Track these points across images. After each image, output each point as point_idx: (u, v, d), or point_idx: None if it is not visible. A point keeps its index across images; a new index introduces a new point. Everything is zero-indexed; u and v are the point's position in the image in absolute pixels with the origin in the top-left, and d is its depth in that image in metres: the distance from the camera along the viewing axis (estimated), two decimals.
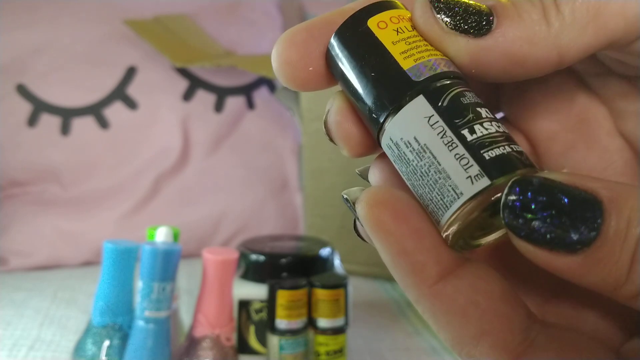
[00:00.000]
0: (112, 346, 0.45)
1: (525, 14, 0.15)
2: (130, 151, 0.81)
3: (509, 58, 0.15)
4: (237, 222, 0.82)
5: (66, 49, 0.82)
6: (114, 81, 0.82)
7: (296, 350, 0.47)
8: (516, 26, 0.15)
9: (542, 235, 0.13)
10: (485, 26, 0.15)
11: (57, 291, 0.66)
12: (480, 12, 0.15)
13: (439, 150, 0.15)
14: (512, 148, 0.15)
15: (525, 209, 0.13)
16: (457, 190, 0.15)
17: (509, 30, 0.15)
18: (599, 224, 0.12)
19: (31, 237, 0.77)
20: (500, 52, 0.15)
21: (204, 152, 0.83)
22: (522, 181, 0.13)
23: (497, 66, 0.16)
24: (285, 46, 0.17)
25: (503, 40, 0.15)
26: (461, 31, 0.16)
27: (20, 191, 0.80)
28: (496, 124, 0.15)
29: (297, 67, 0.17)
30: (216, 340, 0.46)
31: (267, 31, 0.95)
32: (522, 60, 0.15)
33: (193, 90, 0.84)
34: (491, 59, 0.15)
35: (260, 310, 0.49)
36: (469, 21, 0.15)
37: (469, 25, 0.15)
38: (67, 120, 0.80)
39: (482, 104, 0.16)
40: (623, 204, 0.13)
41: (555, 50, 0.15)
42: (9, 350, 0.51)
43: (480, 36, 0.15)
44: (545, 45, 0.15)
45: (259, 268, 0.51)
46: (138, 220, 0.78)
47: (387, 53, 0.16)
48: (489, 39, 0.15)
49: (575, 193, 0.13)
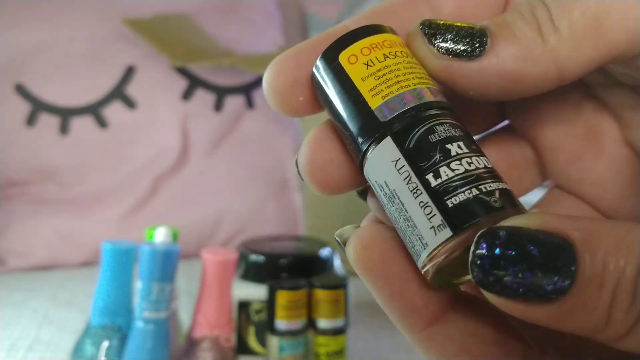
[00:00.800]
0: (111, 347, 0.45)
1: (520, 32, 0.15)
2: (129, 151, 0.81)
3: (506, 77, 0.15)
4: (236, 222, 0.82)
5: (65, 49, 0.81)
6: (113, 81, 0.82)
7: (296, 351, 0.47)
8: (511, 45, 0.15)
9: (515, 290, 0.12)
10: (479, 48, 0.15)
11: (56, 292, 0.66)
12: (472, 34, 0.15)
13: (406, 198, 0.14)
14: (480, 189, 0.14)
15: (494, 266, 0.12)
16: (423, 240, 0.14)
17: (503, 49, 0.15)
18: (572, 271, 0.12)
19: (30, 237, 0.76)
20: (496, 72, 0.15)
21: (204, 152, 0.83)
22: (488, 235, 0.13)
23: (494, 86, 0.15)
24: (274, 75, 0.17)
25: (498, 60, 0.15)
26: (454, 55, 0.15)
27: (19, 191, 0.80)
28: (467, 161, 0.14)
29: (286, 96, 0.17)
30: (215, 341, 0.46)
31: (266, 30, 0.94)
32: (520, 79, 0.15)
33: (192, 89, 0.84)
34: (488, 80, 0.15)
35: (260, 311, 0.49)
36: (462, 44, 0.15)
37: (462, 49, 0.15)
38: (65, 120, 0.80)
39: (457, 135, 0.15)
40: (597, 245, 0.12)
41: (554, 65, 0.15)
42: (7, 351, 0.51)
43: (474, 58, 0.15)
44: (543, 62, 0.15)
45: (259, 268, 0.51)
46: (137, 221, 0.78)
47: (357, 91, 0.16)
48: (484, 60, 0.15)
49: (546, 241, 0.12)
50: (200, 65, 0.83)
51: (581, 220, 0.13)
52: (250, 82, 0.88)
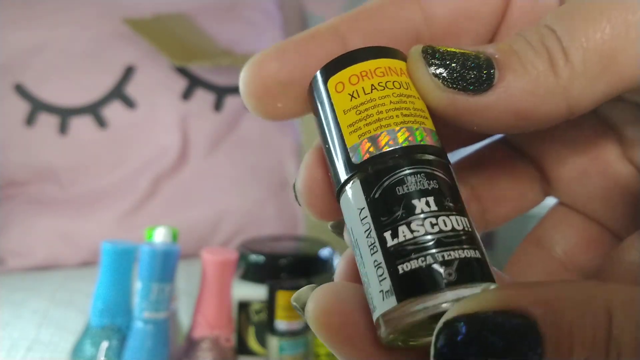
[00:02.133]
0: (110, 347, 0.45)
1: (530, 64, 0.14)
2: (129, 151, 0.81)
3: (514, 114, 0.14)
4: (236, 222, 0.82)
5: (64, 48, 0.81)
6: (112, 80, 0.81)
7: (296, 351, 0.47)
8: (520, 79, 0.14)
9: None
10: (486, 81, 0.14)
11: (55, 292, 0.66)
12: (479, 66, 0.14)
13: (364, 252, 0.13)
14: (436, 258, 0.13)
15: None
16: (373, 302, 0.13)
17: (512, 84, 0.14)
18: (539, 353, 0.11)
19: (29, 237, 0.76)
20: (504, 108, 0.14)
21: (203, 152, 0.83)
22: (447, 331, 0.12)
23: (500, 122, 0.14)
24: (251, 76, 0.15)
25: (506, 95, 0.14)
26: (459, 89, 0.14)
27: (18, 191, 0.79)
28: (431, 221, 0.13)
29: (264, 101, 0.16)
30: (215, 341, 0.46)
31: (266, 30, 0.94)
32: (529, 115, 0.14)
33: (192, 89, 0.84)
34: (494, 116, 0.14)
35: (260, 311, 0.49)
36: (468, 77, 0.14)
37: (468, 82, 0.14)
38: (65, 120, 0.79)
39: (430, 189, 0.13)
40: (560, 318, 0.11)
41: (565, 102, 0.14)
42: (7, 352, 0.51)
43: (481, 93, 0.14)
44: (554, 98, 0.14)
45: (259, 268, 0.51)
46: (137, 221, 0.78)
47: (337, 124, 0.15)
48: (491, 95, 0.14)
49: (507, 326, 0.11)
50: (200, 65, 0.83)
51: (540, 290, 0.12)
52: None
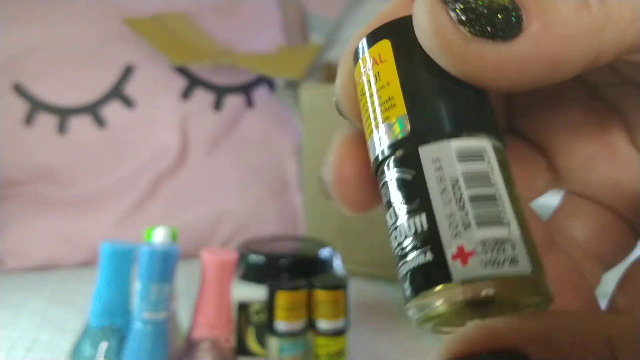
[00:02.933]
0: (109, 348, 0.45)
1: (562, 2, 0.12)
2: (128, 151, 0.80)
3: (547, 62, 0.12)
4: (236, 222, 0.82)
5: (63, 48, 0.81)
6: (111, 80, 0.81)
7: (296, 352, 0.46)
8: (552, 19, 0.12)
9: None
10: (516, 25, 0.12)
11: (54, 292, 0.65)
12: (505, 7, 0.12)
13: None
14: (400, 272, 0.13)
15: None
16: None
17: (544, 26, 0.12)
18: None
19: (28, 237, 0.76)
20: (538, 55, 0.12)
21: (203, 152, 0.83)
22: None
23: (529, 75, 0.12)
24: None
25: (539, 41, 0.12)
26: (489, 37, 0.12)
27: (17, 191, 0.79)
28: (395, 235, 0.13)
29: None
30: (215, 342, 0.46)
31: (266, 30, 0.94)
32: (562, 63, 0.12)
33: (192, 89, 0.84)
34: (524, 67, 0.12)
35: (260, 312, 0.49)
36: (496, 22, 0.12)
37: (498, 28, 0.12)
38: (64, 120, 0.79)
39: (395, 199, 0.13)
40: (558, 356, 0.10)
41: (597, 48, 0.12)
42: (6, 352, 0.51)
43: (511, 39, 0.12)
44: (588, 42, 0.12)
45: (259, 269, 0.51)
46: (136, 221, 0.78)
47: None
48: (523, 42, 0.12)
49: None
50: (199, 65, 0.83)
51: (535, 324, 0.11)
52: (250, 81, 0.87)
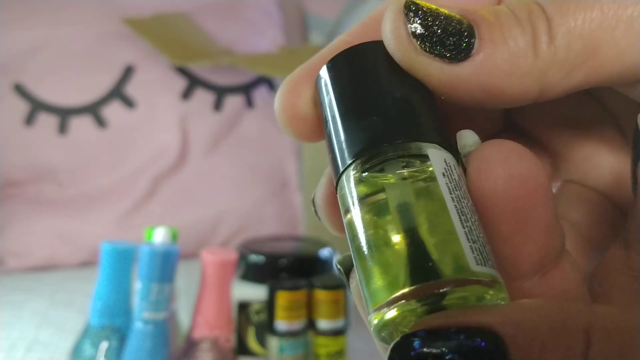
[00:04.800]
0: (110, 348, 0.45)
1: (512, 40, 0.13)
2: (129, 151, 0.80)
3: (486, 89, 0.13)
4: (236, 222, 0.82)
5: (64, 48, 0.81)
6: (112, 80, 0.81)
7: (296, 351, 0.46)
8: (499, 54, 0.13)
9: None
10: (465, 50, 0.13)
11: (54, 292, 0.65)
12: (460, 33, 0.13)
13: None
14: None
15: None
16: None
17: (490, 58, 0.13)
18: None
19: (28, 237, 0.76)
20: (477, 82, 0.13)
21: (203, 152, 0.83)
22: (402, 342, 0.11)
23: (470, 95, 0.14)
24: (288, 108, 0.15)
25: (482, 69, 0.13)
26: (436, 54, 0.13)
27: (18, 191, 0.79)
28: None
29: (308, 127, 0.16)
30: (215, 342, 0.46)
31: (266, 30, 0.94)
32: (500, 93, 0.13)
33: (192, 89, 0.84)
34: (465, 89, 0.14)
35: (260, 312, 0.49)
36: (447, 44, 0.13)
37: (447, 48, 0.13)
38: (64, 120, 0.79)
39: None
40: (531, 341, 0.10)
41: (538, 86, 0.13)
42: (6, 352, 0.51)
43: (457, 62, 0.13)
44: (529, 80, 0.13)
45: (259, 269, 0.51)
46: (136, 221, 0.78)
47: None
48: (466, 67, 0.13)
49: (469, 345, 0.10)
50: (199, 65, 0.83)
51: (514, 310, 0.11)
52: (250, 81, 0.87)
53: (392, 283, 0.12)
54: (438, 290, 0.11)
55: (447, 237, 0.12)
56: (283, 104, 0.15)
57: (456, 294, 0.12)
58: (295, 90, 0.15)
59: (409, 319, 0.12)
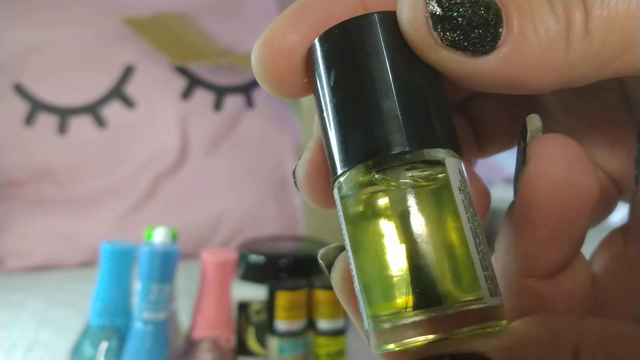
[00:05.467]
0: (109, 348, 0.45)
1: (543, 30, 0.12)
2: (128, 150, 0.80)
3: (508, 82, 0.12)
4: (236, 222, 0.82)
5: (63, 48, 0.81)
6: (111, 80, 0.81)
7: (296, 352, 0.46)
8: (528, 47, 0.12)
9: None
10: (490, 42, 0.12)
11: (54, 292, 0.65)
12: (487, 23, 0.12)
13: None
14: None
15: None
16: None
17: (517, 50, 0.12)
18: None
19: (28, 237, 0.76)
20: (500, 76, 0.12)
21: (203, 152, 0.83)
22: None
23: (489, 86, 0.13)
24: (268, 57, 0.14)
25: (506, 63, 0.12)
26: (458, 49, 0.12)
27: (17, 191, 0.79)
28: None
29: (290, 82, 0.14)
30: (215, 342, 0.46)
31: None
32: (523, 86, 0.12)
33: (192, 89, 0.84)
34: (486, 81, 0.13)
35: (260, 312, 0.49)
36: (471, 37, 0.12)
37: (470, 42, 0.12)
38: (64, 120, 0.79)
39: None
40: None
41: (566, 79, 0.12)
42: (6, 352, 0.51)
43: (481, 55, 0.12)
44: (556, 74, 0.12)
45: (259, 269, 0.51)
46: (136, 221, 0.78)
47: None
48: (490, 61, 0.12)
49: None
50: (199, 65, 0.83)
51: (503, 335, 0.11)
52: (250, 81, 0.87)
53: (394, 297, 0.12)
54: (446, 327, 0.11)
55: (462, 262, 0.11)
56: (261, 58, 0.14)
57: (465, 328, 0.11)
58: (279, 45, 0.14)
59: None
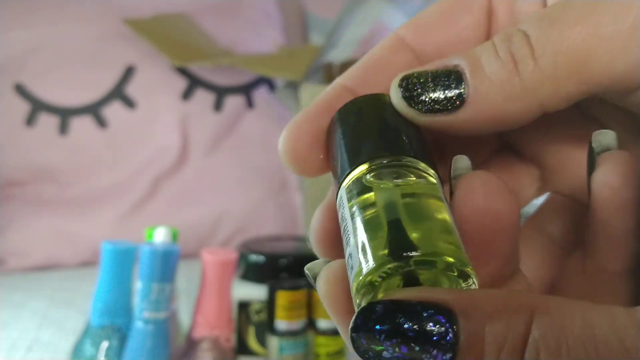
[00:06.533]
0: (110, 347, 0.45)
1: (494, 74, 0.15)
2: (129, 151, 0.81)
3: (491, 120, 0.15)
4: (236, 222, 0.82)
5: (64, 48, 0.81)
6: (112, 80, 0.81)
7: (296, 351, 0.46)
8: (489, 88, 0.15)
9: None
10: (458, 99, 0.15)
11: (55, 292, 0.66)
12: (449, 86, 0.15)
13: None
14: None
15: (370, 341, 0.12)
16: None
17: (482, 95, 0.15)
18: (451, 343, 0.12)
19: (29, 237, 0.76)
20: (480, 117, 0.15)
21: (203, 152, 0.83)
22: (365, 310, 0.13)
23: (479, 128, 0.16)
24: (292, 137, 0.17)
25: (479, 107, 0.15)
26: (435, 111, 0.15)
27: (18, 191, 0.79)
28: None
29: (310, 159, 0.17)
30: (215, 342, 0.46)
31: (266, 30, 0.94)
32: (504, 118, 0.15)
33: (192, 89, 0.84)
34: (473, 125, 0.15)
35: (260, 311, 0.49)
36: (441, 101, 0.15)
37: (442, 105, 0.15)
38: (65, 120, 0.79)
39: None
40: (478, 315, 0.12)
41: (536, 102, 0.15)
42: (7, 352, 0.51)
43: (456, 110, 0.15)
44: (524, 100, 0.15)
45: (259, 269, 0.51)
46: (137, 221, 0.78)
47: None
48: (466, 110, 0.15)
49: (422, 313, 0.12)
50: (200, 65, 0.83)
51: (468, 293, 0.13)
52: (250, 82, 0.87)
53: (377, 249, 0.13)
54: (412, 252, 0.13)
55: (444, 225, 0.14)
56: (286, 147, 0.17)
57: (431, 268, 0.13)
58: (297, 134, 0.17)
59: (383, 288, 0.13)
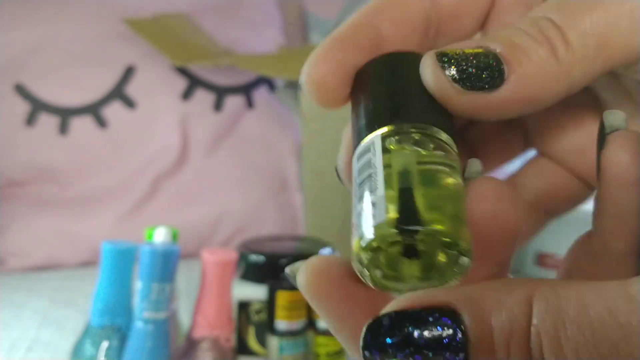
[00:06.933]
0: (110, 347, 0.45)
1: (534, 55, 0.15)
2: (129, 151, 0.81)
3: (526, 101, 0.16)
4: (236, 222, 0.82)
5: (64, 48, 0.81)
6: (112, 80, 0.81)
7: (296, 351, 0.47)
8: (528, 70, 0.15)
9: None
10: (499, 77, 0.15)
11: (55, 292, 0.66)
12: (490, 65, 0.15)
13: None
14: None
15: (383, 354, 0.13)
16: None
17: (521, 75, 0.15)
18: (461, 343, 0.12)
19: (29, 237, 0.76)
20: (518, 97, 0.15)
21: (203, 152, 0.83)
22: (373, 325, 0.13)
23: (513, 110, 0.16)
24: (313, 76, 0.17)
25: (518, 86, 0.15)
26: (478, 89, 0.15)
27: (19, 191, 0.79)
28: None
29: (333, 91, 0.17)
30: (215, 342, 0.46)
31: (266, 30, 0.94)
32: (538, 100, 0.16)
33: (192, 89, 0.84)
34: (509, 106, 0.16)
35: (260, 311, 0.49)
36: (483, 78, 0.15)
37: (484, 82, 0.15)
38: (65, 120, 0.79)
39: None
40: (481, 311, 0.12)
41: (568, 84, 0.15)
42: (7, 352, 0.51)
43: (496, 88, 0.15)
44: (558, 82, 0.15)
45: (259, 269, 0.51)
46: (137, 221, 0.78)
47: None
48: (506, 90, 0.15)
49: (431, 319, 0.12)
50: (200, 65, 0.83)
51: (466, 289, 0.13)
52: (250, 81, 0.87)
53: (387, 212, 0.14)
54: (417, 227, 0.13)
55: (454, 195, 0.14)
56: (312, 74, 0.17)
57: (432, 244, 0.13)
58: (323, 63, 0.17)
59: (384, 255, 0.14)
